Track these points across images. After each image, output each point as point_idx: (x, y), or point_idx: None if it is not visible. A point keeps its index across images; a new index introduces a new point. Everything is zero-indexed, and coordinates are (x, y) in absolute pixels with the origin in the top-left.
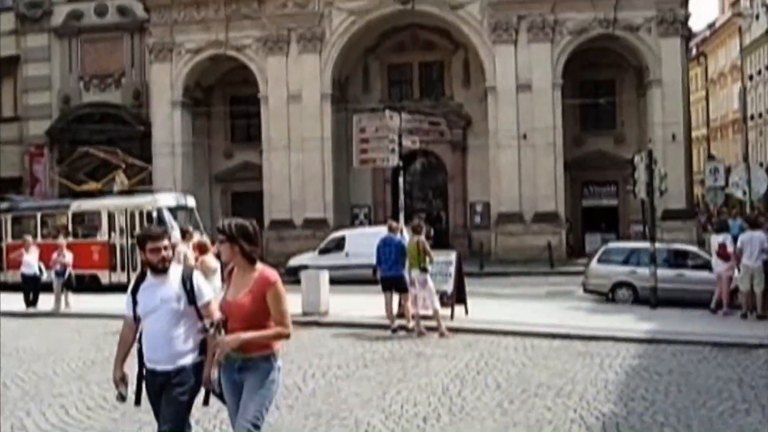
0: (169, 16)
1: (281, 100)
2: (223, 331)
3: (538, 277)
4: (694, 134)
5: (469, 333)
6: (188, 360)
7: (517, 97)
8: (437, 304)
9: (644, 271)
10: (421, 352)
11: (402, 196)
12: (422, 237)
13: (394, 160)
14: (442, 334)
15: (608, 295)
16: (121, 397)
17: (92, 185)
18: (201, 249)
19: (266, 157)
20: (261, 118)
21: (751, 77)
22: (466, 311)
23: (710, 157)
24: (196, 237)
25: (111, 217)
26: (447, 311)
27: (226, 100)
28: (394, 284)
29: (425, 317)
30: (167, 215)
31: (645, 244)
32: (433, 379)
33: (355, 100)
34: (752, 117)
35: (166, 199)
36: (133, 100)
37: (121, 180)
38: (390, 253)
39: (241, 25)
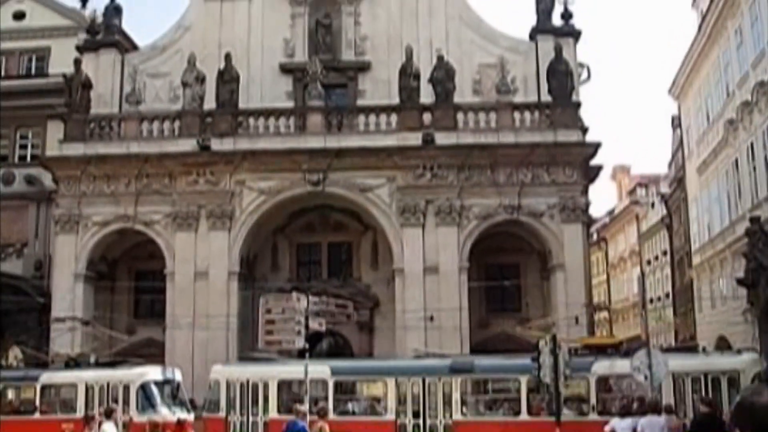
0: (78, 188)
1: (188, 277)
2: None
3: None
4: (596, 317)
5: None
6: None
7: (424, 280)
8: None
9: None
10: None
11: (308, 378)
12: (324, 423)
13: (300, 342)
14: None
15: None
16: None
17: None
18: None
19: (169, 335)
20: (166, 294)
21: (649, 262)
22: None
23: None
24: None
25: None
26: None
27: (131, 275)
28: None
29: None
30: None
31: None
32: None
33: (263, 279)
34: (651, 301)
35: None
36: (35, 271)
37: (14, 354)
38: None
39: (151, 200)
